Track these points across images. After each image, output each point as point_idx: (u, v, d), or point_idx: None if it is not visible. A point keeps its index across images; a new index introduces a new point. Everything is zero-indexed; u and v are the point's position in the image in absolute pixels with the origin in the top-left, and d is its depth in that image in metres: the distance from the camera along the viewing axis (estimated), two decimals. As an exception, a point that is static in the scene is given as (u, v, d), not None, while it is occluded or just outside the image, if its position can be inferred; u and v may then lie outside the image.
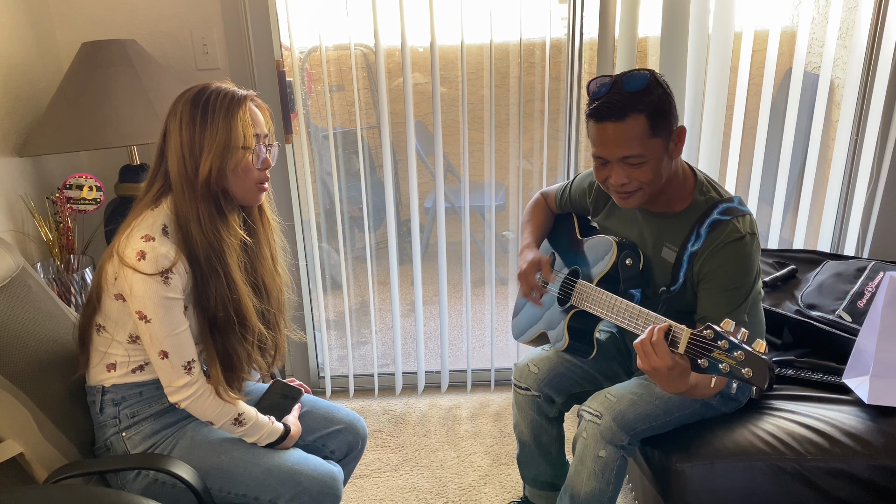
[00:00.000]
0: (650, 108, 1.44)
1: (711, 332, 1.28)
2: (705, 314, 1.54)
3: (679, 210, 1.60)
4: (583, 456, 1.62)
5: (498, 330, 2.88)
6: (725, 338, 1.27)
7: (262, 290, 1.56)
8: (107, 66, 2.03)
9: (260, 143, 1.44)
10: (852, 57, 2.41)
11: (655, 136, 1.46)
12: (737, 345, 1.25)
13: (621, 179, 1.50)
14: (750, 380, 1.22)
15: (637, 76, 1.46)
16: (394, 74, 3.01)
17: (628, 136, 1.45)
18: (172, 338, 1.38)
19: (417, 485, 2.28)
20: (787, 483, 1.59)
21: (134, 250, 1.34)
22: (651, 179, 1.50)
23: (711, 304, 1.53)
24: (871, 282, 2.03)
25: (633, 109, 1.43)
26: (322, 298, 2.75)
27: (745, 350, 1.24)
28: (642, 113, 1.44)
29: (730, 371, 1.25)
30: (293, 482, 1.47)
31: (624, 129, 1.45)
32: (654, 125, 1.45)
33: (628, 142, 1.46)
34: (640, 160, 1.47)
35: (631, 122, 1.44)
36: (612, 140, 1.47)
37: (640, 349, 1.34)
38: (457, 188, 3.33)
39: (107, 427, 1.47)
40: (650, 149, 1.47)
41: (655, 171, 1.50)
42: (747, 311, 1.55)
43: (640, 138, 1.45)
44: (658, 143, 1.47)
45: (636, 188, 1.52)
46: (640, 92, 1.44)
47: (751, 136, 2.57)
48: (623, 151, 1.47)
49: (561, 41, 2.46)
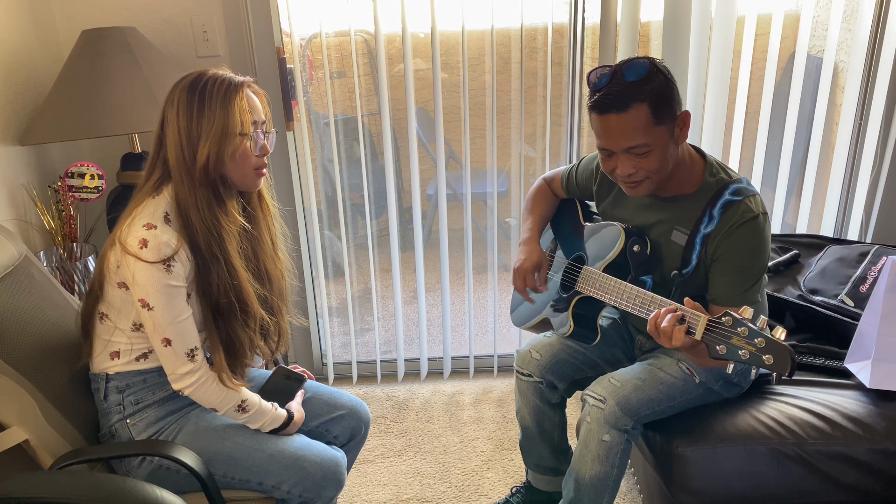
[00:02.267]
0: (652, 97, 1.43)
1: (730, 318, 1.28)
2: (718, 294, 1.54)
3: (689, 193, 1.59)
4: (587, 440, 1.63)
5: (500, 316, 2.89)
6: (745, 324, 1.26)
7: (263, 275, 1.56)
8: (107, 54, 2.02)
9: (258, 129, 1.44)
10: (856, 40, 2.39)
11: (659, 123, 1.45)
12: (757, 332, 1.25)
13: (628, 170, 1.50)
14: (771, 367, 1.22)
15: (637, 65, 1.45)
16: (395, 61, 3.00)
17: (632, 126, 1.44)
18: (175, 325, 1.38)
19: (421, 470, 2.29)
20: (788, 467, 1.59)
21: (136, 238, 1.34)
22: (658, 167, 1.49)
23: (725, 283, 1.54)
24: (873, 266, 2.03)
25: (636, 99, 1.42)
26: (324, 285, 2.76)
27: (765, 337, 1.23)
28: (644, 102, 1.42)
29: (749, 358, 1.25)
30: (297, 467, 1.47)
31: (627, 120, 1.44)
32: (657, 113, 1.44)
33: (632, 132, 1.45)
34: (646, 149, 1.46)
35: (634, 112, 1.43)
36: (616, 131, 1.46)
37: (664, 336, 1.38)
38: (459, 175, 3.32)
39: (111, 414, 1.48)
40: (655, 137, 1.46)
41: (662, 158, 1.49)
42: (760, 290, 1.55)
43: (644, 128, 1.44)
44: (663, 131, 1.46)
45: (644, 177, 1.51)
46: (640, 81, 1.43)
47: (754, 120, 2.55)
48: (628, 142, 1.46)
49: (563, 26, 2.44)
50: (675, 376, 1.64)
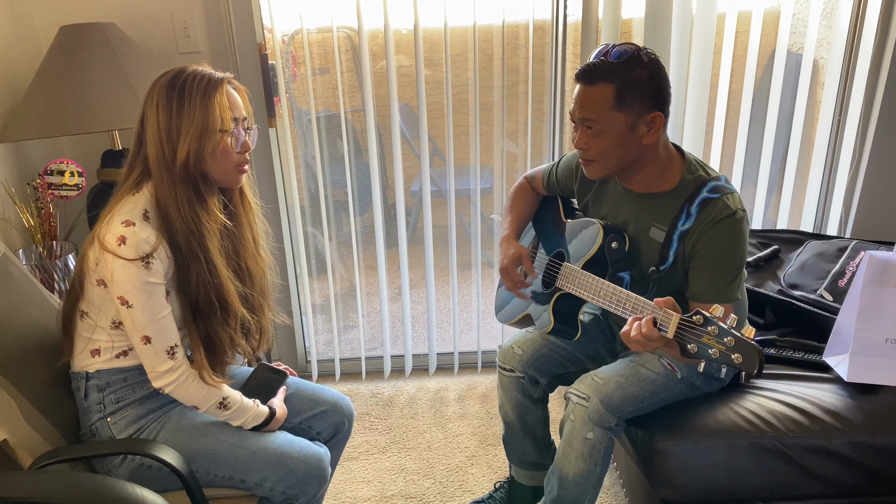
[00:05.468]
0: (622, 81, 1.48)
1: (701, 317, 1.30)
2: (697, 291, 1.56)
3: (667, 189, 1.60)
4: (570, 438, 1.64)
5: (485, 313, 2.89)
6: (715, 323, 1.28)
7: (244, 273, 1.56)
8: (86, 50, 2.00)
9: (238, 126, 1.43)
10: (835, 37, 2.41)
11: (619, 109, 1.49)
12: (726, 330, 1.26)
13: (580, 144, 1.57)
14: (739, 365, 1.23)
15: (623, 49, 1.50)
16: (378, 57, 2.99)
17: (592, 99, 1.51)
18: (154, 323, 1.37)
19: (405, 466, 2.29)
20: (767, 460, 1.61)
21: (114, 235, 1.33)
22: (605, 152, 1.54)
23: (703, 280, 1.55)
24: (852, 261, 2.05)
25: (604, 78, 1.49)
26: (307, 283, 2.75)
27: (734, 336, 1.24)
28: (612, 83, 1.48)
29: (719, 356, 1.26)
30: (279, 464, 1.47)
31: (590, 93, 1.51)
32: (619, 98, 1.48)
33: (590, 105, 1.51)
34: (597, 128, 1.52)
35: (599, 88, 1.49)
36: (580, 100, 1.54)
37: (635, 343, 1.38)
38: (443, 171, 3.32)
39: (91, 412, 1.47)
40: (609, 120, 1.50)
41: (612, 144, 1.53)
42: (739, 287, 1.56)
43: (601, 106, 1.50)
44: (620, 118, 1.50)
45: (591, 158, 1.57)
46: (617, 64, 1.48)
47: (735, 116, 2.57)
48: (583, 113, 1.53)
49: (545, 23, 2.45)
50: (657, 372, 1.66)
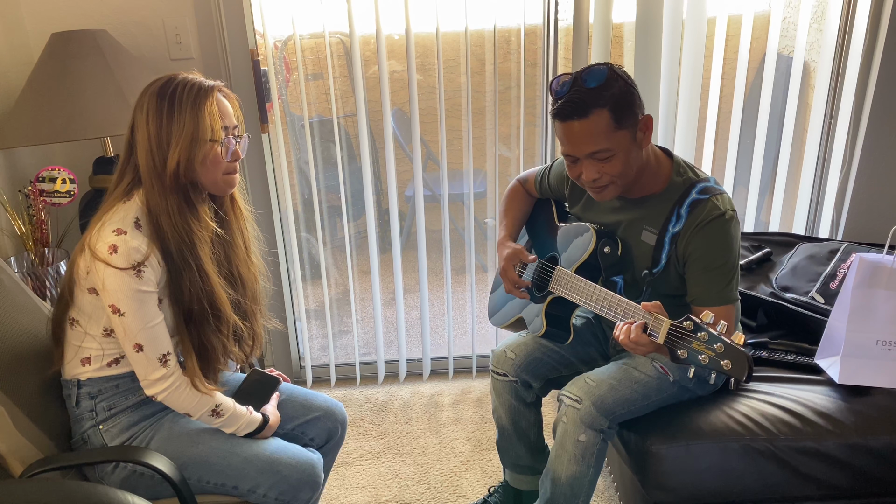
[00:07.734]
0: (612, 102, 1.46)
1: (691, 323, 1.30)
2: (696, 295, 1.57)
3: (657, 192, 1.61)
4: (563, 440, 1.64)
5: (479, 317, 2.90)
6: (705, 329, 1.28)
7: (236, 280, 1.56)
8: (78, 57, 2.00)
9: (229, 134, 1.43)
10: (825, 40, 2.43)
11: (621, 128, 1.48)
12: (716, 336, 1.26)
13: (592, 175, 1.53)
14: (728, 372, 1.24)
15: (596, 71, 1.48)
16: (370, 62, 3.00)
17: (593, 131, 1.47)
18: (147, 331, 1.37)
19: (399, 472, 2.29)
20: (759, 462, 1.61)
21: (105, 244, 1.33)
22: (621, 171, 1.52)
23: (701, 283, 1.56)
24: (843, 263, 2.06)
25: (596, 105, 1.46)
26: (301, 288, 2.75)
27: (724, 342, 1.25)
28: (605, 107, 1.46)
29: (709, 362, 1.26)
30: (272, 471, 1.47)
31: (589, 126, 1.47)
32: (617, 118, 1.47)
33: (594, 137, 1.48)
34: (608, 154, 1.49)
35: (595, 117, 1.46)
36: (579, 137, 1.49)
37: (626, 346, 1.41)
38: (437, 176, 3.32)
39: (83, 420, 1.47)
40: (617, 142, 1.49)
41: (625, 162, 1.52)
42: (735, 288, 1.57)
43: (606, 133, 1.47)
44: (624, 135, 1.49)
45: (608, 182, 1.54)
46: (600, 87, 1.46)
47: (726, 120, 2.58)
48: (590, 147, 1.49)
49: (537, 27, 2.46)
50: (650, 375, 1.66)
